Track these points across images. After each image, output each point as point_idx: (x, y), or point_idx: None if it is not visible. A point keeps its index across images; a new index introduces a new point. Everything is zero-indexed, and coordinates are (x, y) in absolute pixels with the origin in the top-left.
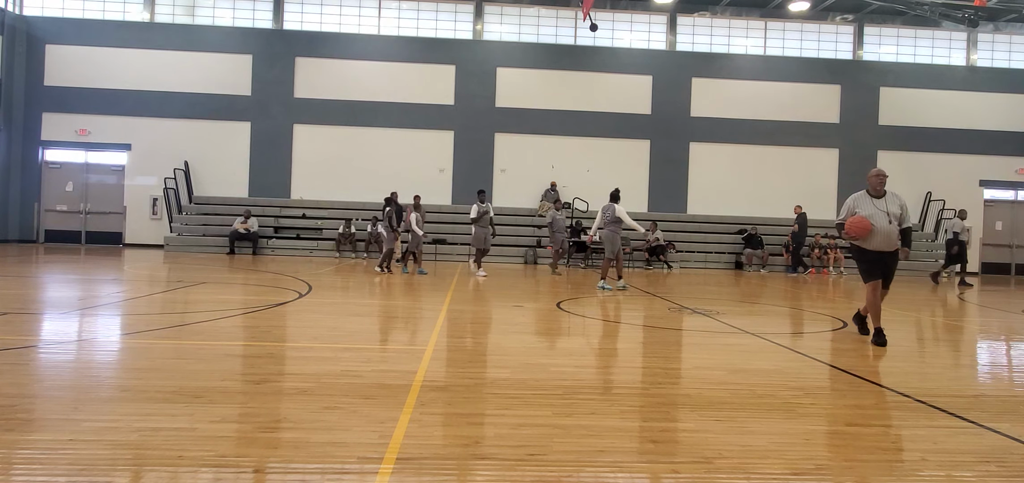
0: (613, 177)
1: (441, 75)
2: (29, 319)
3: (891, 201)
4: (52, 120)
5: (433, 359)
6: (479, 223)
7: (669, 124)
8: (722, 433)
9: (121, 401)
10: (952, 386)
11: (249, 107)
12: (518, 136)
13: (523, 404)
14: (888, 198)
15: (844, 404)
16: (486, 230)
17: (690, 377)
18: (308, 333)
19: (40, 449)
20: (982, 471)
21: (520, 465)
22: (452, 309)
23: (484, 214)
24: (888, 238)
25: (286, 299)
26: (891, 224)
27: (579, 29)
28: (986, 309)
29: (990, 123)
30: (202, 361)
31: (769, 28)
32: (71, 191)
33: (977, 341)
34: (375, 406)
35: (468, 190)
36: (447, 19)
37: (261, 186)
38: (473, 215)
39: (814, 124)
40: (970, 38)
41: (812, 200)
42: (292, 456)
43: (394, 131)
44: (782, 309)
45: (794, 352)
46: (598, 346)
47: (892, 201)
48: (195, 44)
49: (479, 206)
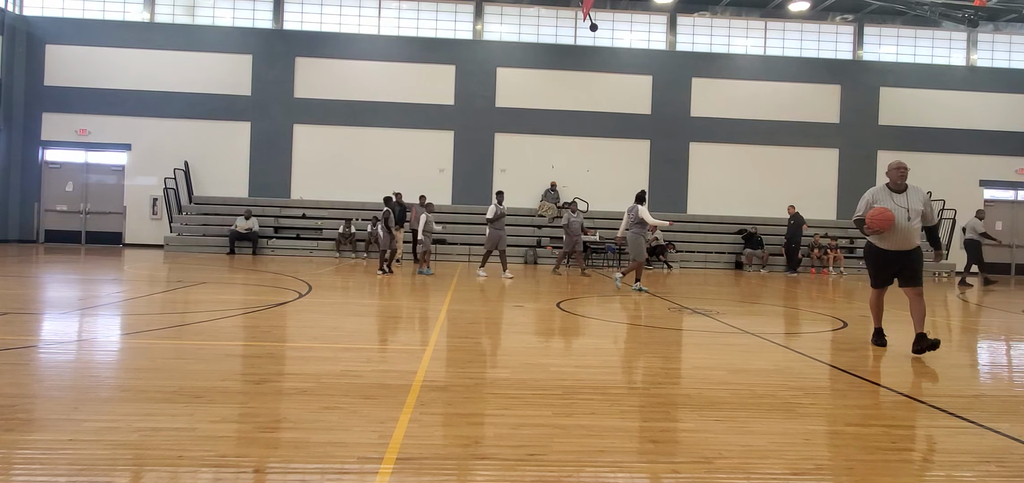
0: (613, 177)
1: (441, 75)
2: (29, 319)
3: (913, 196)
4: (52, 120)
5: (433, 359)
6: (495, 224)
7: (669, 124)
8: (722, 433)
9: (121, 401)
10: (952, 386)
11: (249, 107)
12: (518, 136)
13: (523, 404)
14: (910, 193)
15: (844, 404)
16: (502, 232)
17: (690, 377)
18: (308, 333)
19: (40, 449)
20: (982, 471)
21: (520, 465)
22: (452, 309)
23: (501, 216)
24: (906, 236)
25: (286, 299)
26: (910, 221)
27: (579, 29)
28: (986, 309)
29: (990, 123)
30: (202, 361)
31: (769, 28)
32: (71, 191)
33: (977, 341)
34: (375, 406)
35: (468, 190)
36: (447, 19)
37: (261, 186)
38: (489, 216)
39: (814, 124)
40: (970, 38)
41: (812, 200)
42: (292, 456)
43: (394, 131)
44: (782, 309)
45: (794, 352)
46: (598, 346)
47: (914, 196)
48: (195, 44)
49: (497, 207)
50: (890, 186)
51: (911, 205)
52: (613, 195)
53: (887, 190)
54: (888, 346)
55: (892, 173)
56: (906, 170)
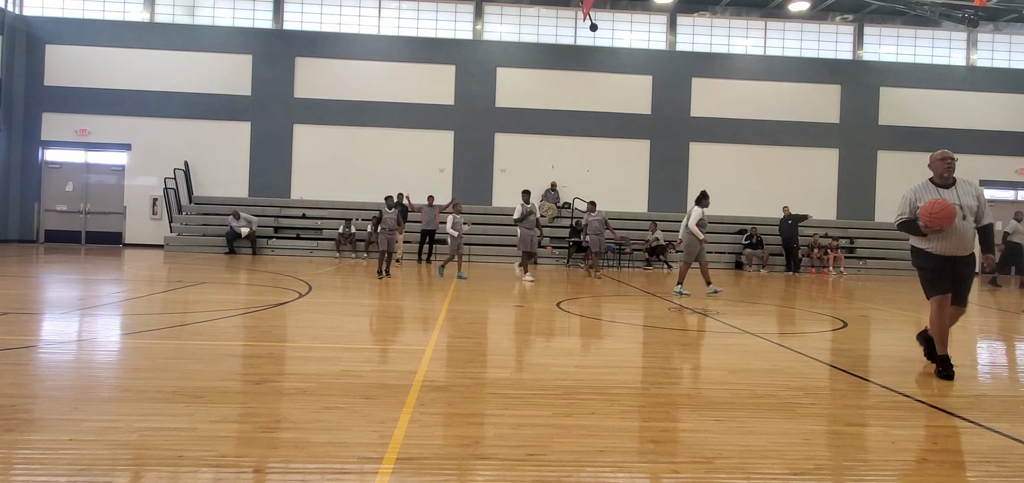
0: (613, 177)
1: (441, 75)
2: (29, 319)
3: (964, 191)
4: (52, 120)
5: (433, 359)
6: (524, 224)
7: (669, 124)
8: (722, 433)
9: (121, 401)
10: (952, 386)
11: (249, 107)
12: (518, 136)
13: (523, 404)
14: (959, 187)
15: (844, 404)
16: (533, 231)
17: (690, 377)
18: (308, 333)
19: (40, 449)
20: (982, 471)
21: (520, 465)
22: (452, 309)
23: (529, 214)
24: (962, 239)
25: (286, 299)
26: (966, 220)
27: (579, 29)
28: (986, 309)
29: (990, 123)
30: (202, 361)
31: (769, 28)
32: (71, 191)
33: (977, 341)
34: (375, 406)
35: (468, 190)
36: (447, 19)
37: (261, 186)
38: (517, 215)
39: (814, 124)
40: (970, 38)
41: (812, 200)
42: (292, 456)
43: (394, 131)
44: (782, 309)
45: (794, 352)
46: (598, 346)
47: (965, 191)
48: (195, 44)
49: (524, 206)
50: (934, 181)
51: (963, 201)
52: (613, 195)
53: (931, 186)
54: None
55: (937, 165)
56: (953, 160)
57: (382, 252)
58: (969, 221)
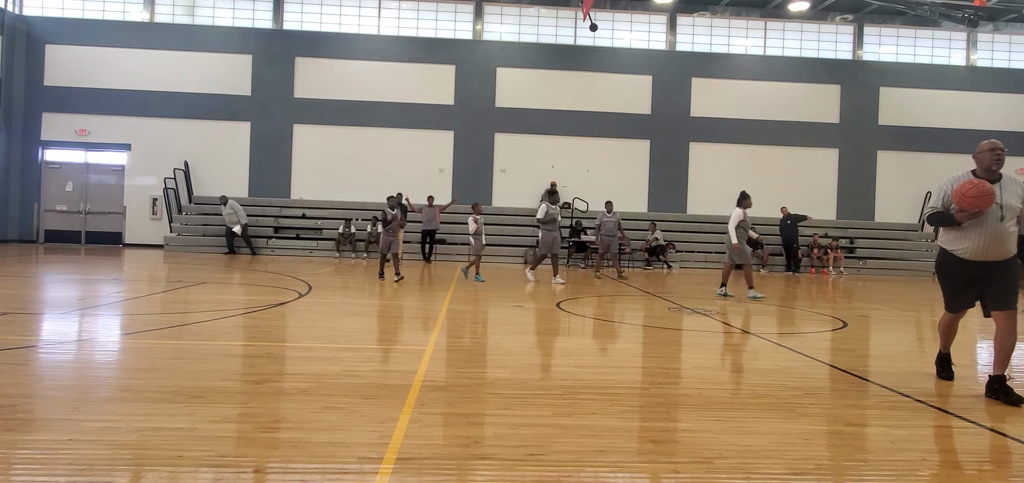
0: (613, 177)
1: (441, 75)
2: (29, 319)
3: (1009, 189)
4: (52, 120)
5: (433, 359)
6: (547, 226)
7: (669, 124)
8: (722, 433)
9: (121, 401)
10: (952, 386)
11: (249, 107)
12: (518, 136)
13: (523, 404)
14: (1005, 184)
15: (844, 404)
16: (555, 233)
17: (690, 377)
18: (308, 333)
19: (40, 449)
20: (982, 471)
21: (520, 465)
22: (452, 309)
23: (553, 218)
24: (997, 241)
25: (286, 299)
26: (1004, 222)
27: (579, 29)
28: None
29: (990, 123)
30: (202, 361)
31: (769, 28)
32: (71, 191)
33: (977, 341)
34: (375, 406)
35: (468, 190)
36: (447, 19)
37: (261, 186)
38: (540, 217)
39: (814, 124)
40: (970, 38)
41: (812, 200)
42: (292, 456)
43: (394, 131)
44: (782, 309)
45: (794, 352)
46: (598, 346)
47: (1011, 190)
48: (195, 44)
49: (549, 208)
50: (977, 175)
51: (1006, 200)
52: (613, 195)
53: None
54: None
55: (984, 156)
56: (1002, 151)
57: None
58: (1008, 223)
